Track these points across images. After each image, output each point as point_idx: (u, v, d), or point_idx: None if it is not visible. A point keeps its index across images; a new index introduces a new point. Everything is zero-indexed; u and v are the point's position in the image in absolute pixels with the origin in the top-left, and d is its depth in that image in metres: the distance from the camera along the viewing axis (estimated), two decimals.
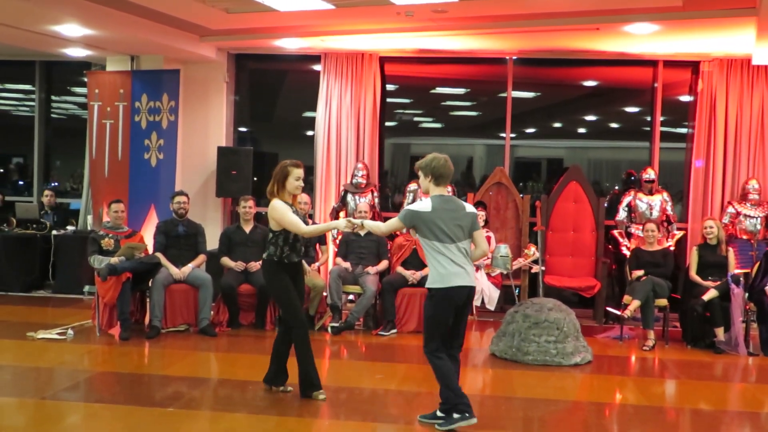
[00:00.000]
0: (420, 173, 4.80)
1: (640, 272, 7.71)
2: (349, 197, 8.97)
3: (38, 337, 6.94)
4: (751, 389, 6.30)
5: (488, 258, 8.43)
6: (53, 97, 11.11)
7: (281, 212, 5.15)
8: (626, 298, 7.63)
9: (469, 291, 4.72)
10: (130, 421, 4.76)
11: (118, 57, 9.51)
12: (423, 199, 4.80)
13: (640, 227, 8.36)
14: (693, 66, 9.17)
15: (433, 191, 4.75)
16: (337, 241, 8.50)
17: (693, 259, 7.72)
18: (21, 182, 11.52)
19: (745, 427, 5.16)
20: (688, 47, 8.68)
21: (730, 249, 7.78)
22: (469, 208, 4.81)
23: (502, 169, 9.16)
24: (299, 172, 5.24)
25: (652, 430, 4.95)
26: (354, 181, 8.99)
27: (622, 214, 8.81)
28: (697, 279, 7.57)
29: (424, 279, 7.82)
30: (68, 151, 11.28)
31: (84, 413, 5.01)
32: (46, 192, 10.14)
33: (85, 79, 9.68)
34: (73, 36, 8.38)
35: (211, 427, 4.81)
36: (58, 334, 7.07)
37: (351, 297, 8.34)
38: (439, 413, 4.74)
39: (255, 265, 7.64)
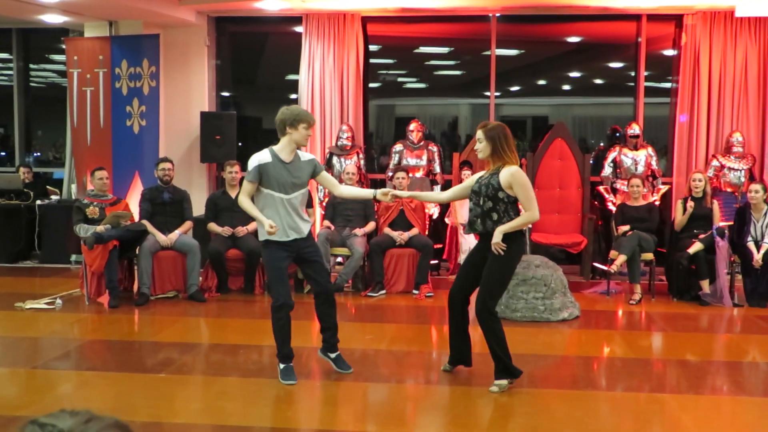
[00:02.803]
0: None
1: (626, 227, 7.76)
2: (335, 160, 8.95)
3: (27, 307, 6.93)
4: (735, 339, 6.40)
5: None
6: (32, 66, 10.95)
7: None
8: (612, 254, 7.68)
9: None
10: (123, 388, 4.78)
11: (96, 23, 9.36)
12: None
13: (626, 183, 8.39)
14: (676, 19, 9.12)
15: None
16: (324, 204, 8.49)
17: (678, 211, 7.77)
18: (3, 153, 11.40)
19: (730, 376, 5.25)
20: (671, 0, 8.62)
21: (715, 202, 7.84)
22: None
23: None
24: None
25: (639, 381, 5.02)
26: (339, 143, 8.96)
27: (607, 170, 8.84)
28: (683, 220, 7.60)
29: (412, 240, 7.86)
30: (49, 120, 11.15)
31: (76, 381, 5.03)
32: (22, 169, 10.00)
33: (64, 46, 9.54)
34: (49, 2, 8.23)
35: (203, 392, 4.84)
36: (46, 303, 7.05)
37: (339, 259, 8.36)
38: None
39: (242, 230, 7.64)
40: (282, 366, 4.90)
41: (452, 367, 5.12)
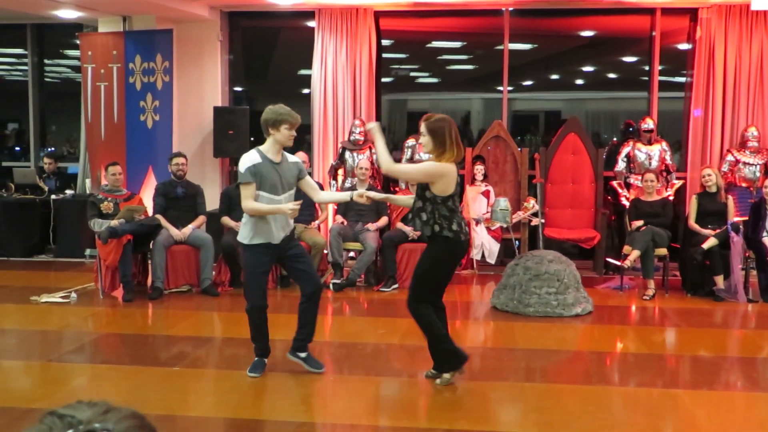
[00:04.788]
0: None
1: (640, 222, 7.72)
2: (348, 154, 8.95)
3: (42, 301, 6.98)
4: (750, 335, 6.36)
5: (488, 212, 8.47)
6: (46, 61, 11.00)
7: None
8: (626, 249, 7.65)
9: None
10: (137, 381, 4.81)
11: (109, 18, 9.39)
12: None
13: (639, 177, 8.35)
14: (691, 13, 9.06)
15: None
16: None
17: (692, 207, 7.73)
18: (18, 148, 11.47)
19: (744, 371, 5.22)
20: None
21: (730, 197, 7.79)
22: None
23: (500, 122, 9.12)
24: None
25: (652, 377, 5.00)
26: (352, 138, 8.96)
27: (621, 165, 8.80)
28: (696, 227, 7.58)
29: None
30: (64, 115, 11.22)
31: (90, 374, 5.06)
32: (46, 159, 10.10)
33: (78, 42, 9.58)
34: None
35: (217, 385, 4.86)
36: (61, 297, 7.10)
37: (352, 254, 8.37)
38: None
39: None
40: (256, 359, 4.96)
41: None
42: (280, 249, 4.80)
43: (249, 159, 4.68)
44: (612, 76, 10.58)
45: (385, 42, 9.71)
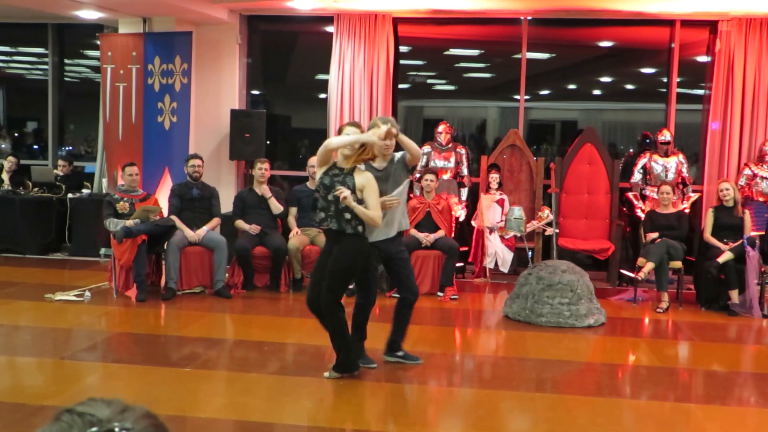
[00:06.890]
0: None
1: (655, 234, 7.68)
2: None
3: (56, 298, 7.02)
4: (764, 351, 6.31)
5: (502, 220, 8.45)
6: (66, 61, 11.09)
7: None
8: (640, 261, 7.61)
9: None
10: (148, 381, 4.83)
11: (130, 19, 9.45)
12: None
13: (655, 189, 8.31)
14: (711, 26, 9.01)
15: None
16: None
17: (708, 221, 7.68)
18: (36, 146, 11.56)
19: (758, 387, 5.18)
20: (706, 6, 8.51)
21: (746, 211, 7.74)
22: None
23: (516, 131, 9.10)
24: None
25: (664, 390, 4.97)
26: None
27: (637, 176, 8.75)
28: (712, 240, 7.53)
29: (437, 242, 7.85)
30: (82, 115, 11.29)
31: (102, 373, 5.09)
32: (60, 162, 10.12)
33: (98, 42, 9.65)
34: None
35: (227, 387, 4.88)
36: (75, 295, 7.14)
37: None
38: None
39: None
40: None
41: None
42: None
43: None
44: (630, 87, 10.54)
45: (402, 48, 9.72)
